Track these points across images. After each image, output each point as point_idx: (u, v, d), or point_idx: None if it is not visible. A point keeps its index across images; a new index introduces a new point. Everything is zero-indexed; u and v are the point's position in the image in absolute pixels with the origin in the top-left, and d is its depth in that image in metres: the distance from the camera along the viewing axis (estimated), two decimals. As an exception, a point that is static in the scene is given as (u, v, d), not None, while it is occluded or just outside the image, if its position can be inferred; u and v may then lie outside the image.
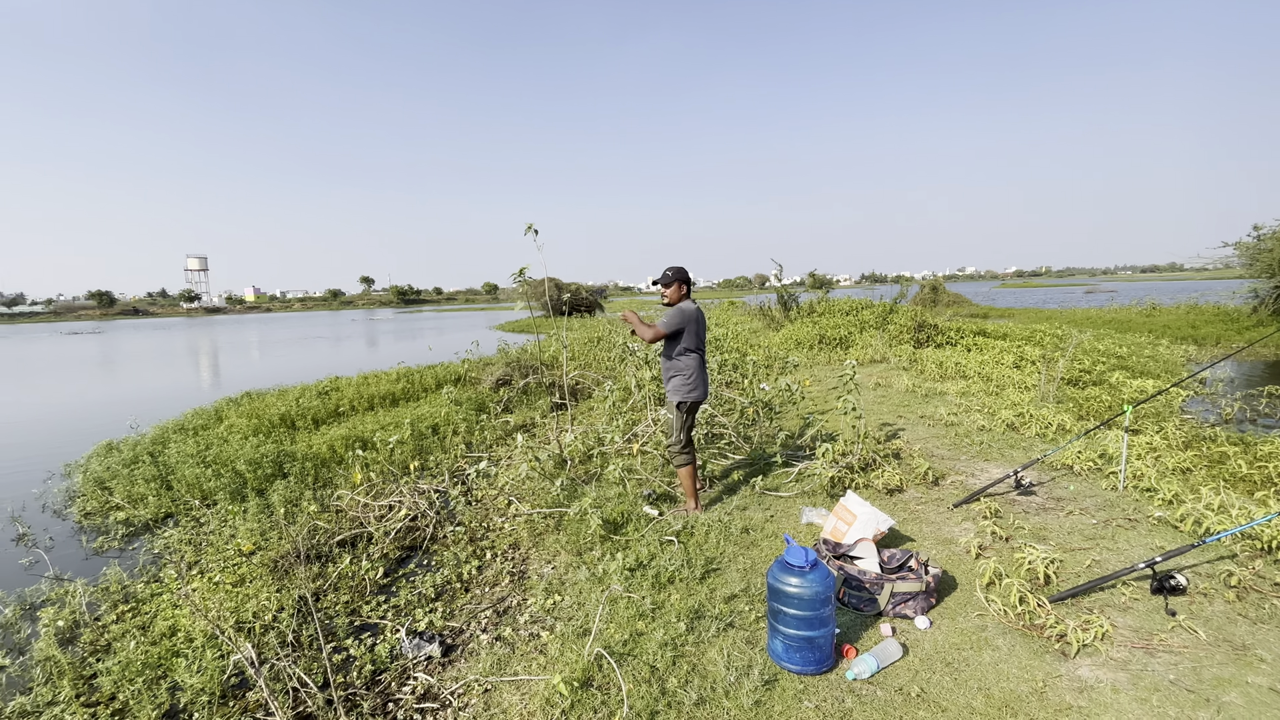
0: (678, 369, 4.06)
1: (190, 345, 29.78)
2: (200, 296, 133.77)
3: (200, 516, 4.95)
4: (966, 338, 12.51)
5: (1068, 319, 18.45)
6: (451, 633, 3.16)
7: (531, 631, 3.02)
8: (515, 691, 2.55)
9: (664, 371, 4.13)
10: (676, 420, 4.07)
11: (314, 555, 4.06)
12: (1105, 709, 2.17)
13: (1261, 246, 16.74)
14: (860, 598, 2.93)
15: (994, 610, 2.82)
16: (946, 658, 2.54)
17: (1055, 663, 2.45)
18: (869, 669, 2.46)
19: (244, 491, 5.31)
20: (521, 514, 4.50)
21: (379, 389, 9.58)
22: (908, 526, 3.88)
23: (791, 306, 17.50)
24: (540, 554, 3.95)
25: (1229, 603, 2.72)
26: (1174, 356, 11.31)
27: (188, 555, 4.25)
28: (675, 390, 4.07)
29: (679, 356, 4.03)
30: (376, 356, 20.15)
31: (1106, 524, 3.65)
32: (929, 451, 5.34)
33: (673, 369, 4.07)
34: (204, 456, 6.07)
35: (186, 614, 3.31)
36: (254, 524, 4.45)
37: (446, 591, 3.64)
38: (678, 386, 4.06)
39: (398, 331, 35.49)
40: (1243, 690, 2.19)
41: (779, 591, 2.48)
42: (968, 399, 7.20)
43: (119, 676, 2.77)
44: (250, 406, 8.58)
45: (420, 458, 6.13)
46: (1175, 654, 2.42)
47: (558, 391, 8.71)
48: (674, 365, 4.07)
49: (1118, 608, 2.76)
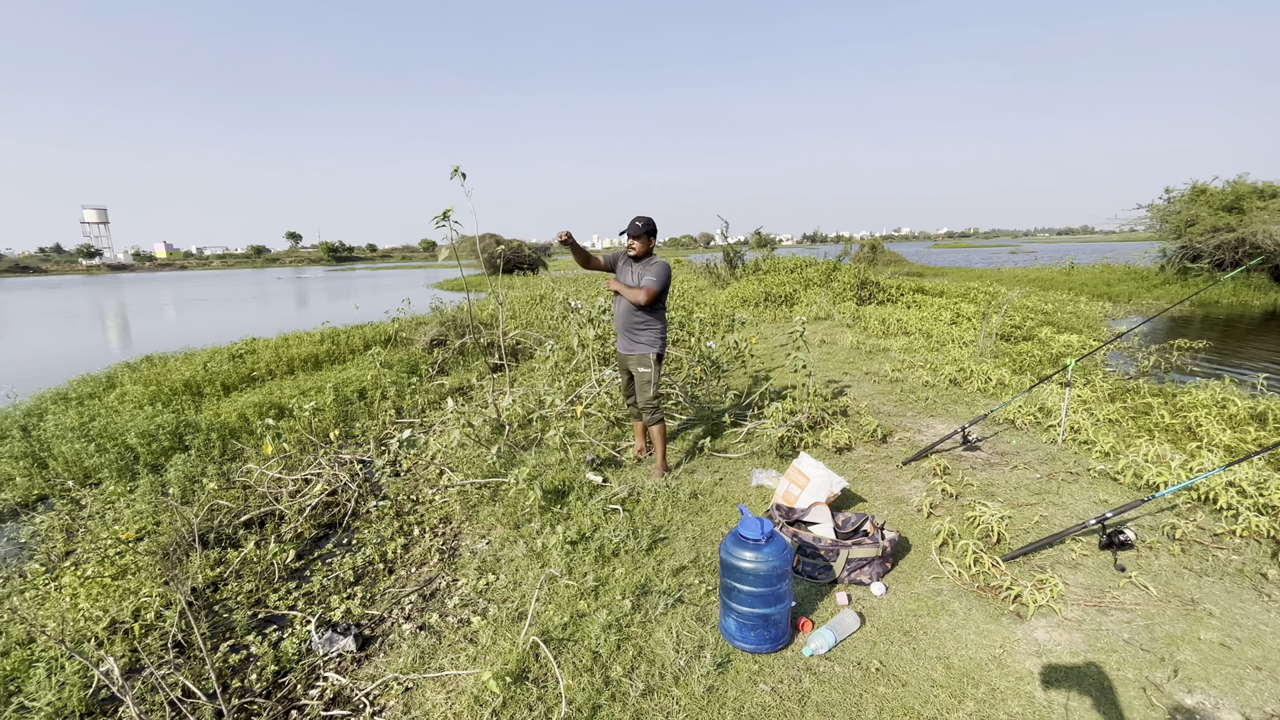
0: (651, 323, 3.84)
1: (90, 306, 26.98)
2: (101, 252, 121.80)
3: (79, 498, 4.34)
4: (907, 295, 12.73)
5: (995, 277, 19.18)
6: (371, 622, 2.82)
7: (461, 617, 2.72)
8: (440, 690, 2.26)
9: (632, 326, 3.85)
10: (654, 374, 3.87)
11: (214, 539, 3.59)
12: (1064, 675, 2.09)
13: (1170, 209, 17.77)
14: (815, 565, 2.78)
15: (949, 572, 2.73)
16: (904, 626, 2.42)
17: (1012, 626, 2.37)
18: (826, 644, 2.31)
19: (134, 468, 4.70)
20: (454, 485, 4.15)
21: (300, 351, 8.83)
22: (859, 486, 3.78)
23: (737, 265, 17.37)
24: (474, 528, 3.63)
25: (1174, 556, 2.72)
26: (1093, 312, 11.89)
27: (59, 544, 3.68)
28: (652, 343, 3.86)
29: (657, 310, 3.84)
30: (302, 317, 18.80)
31: (1050, 478, 3.66)
32: (876, 408, 5.30)
33: (646, 323, 3.84)
34: (87, 429, 5.35)
35: (53, 615, 2.83)
36: (143, 506, 3.91)
37: (367, 574, 3.28)
38: (654, 339, 3.85)
39: (329, 290, 33.37)
40: (1195, 647, 2.16)
41: (732, 567, 2.27)
42: (911, 355, 7.24)
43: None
44: (150, 372, 7.71)
45: (344, 425, 5.63)
46: (1128, 611, 2.38)
47: (496, 352, 8.25)
48: (649, 319, 3.84)
49: (1068, 565, 2.72)
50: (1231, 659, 2.09)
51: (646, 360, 3.86)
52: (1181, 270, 16.94)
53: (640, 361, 3.88)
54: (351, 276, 52.51)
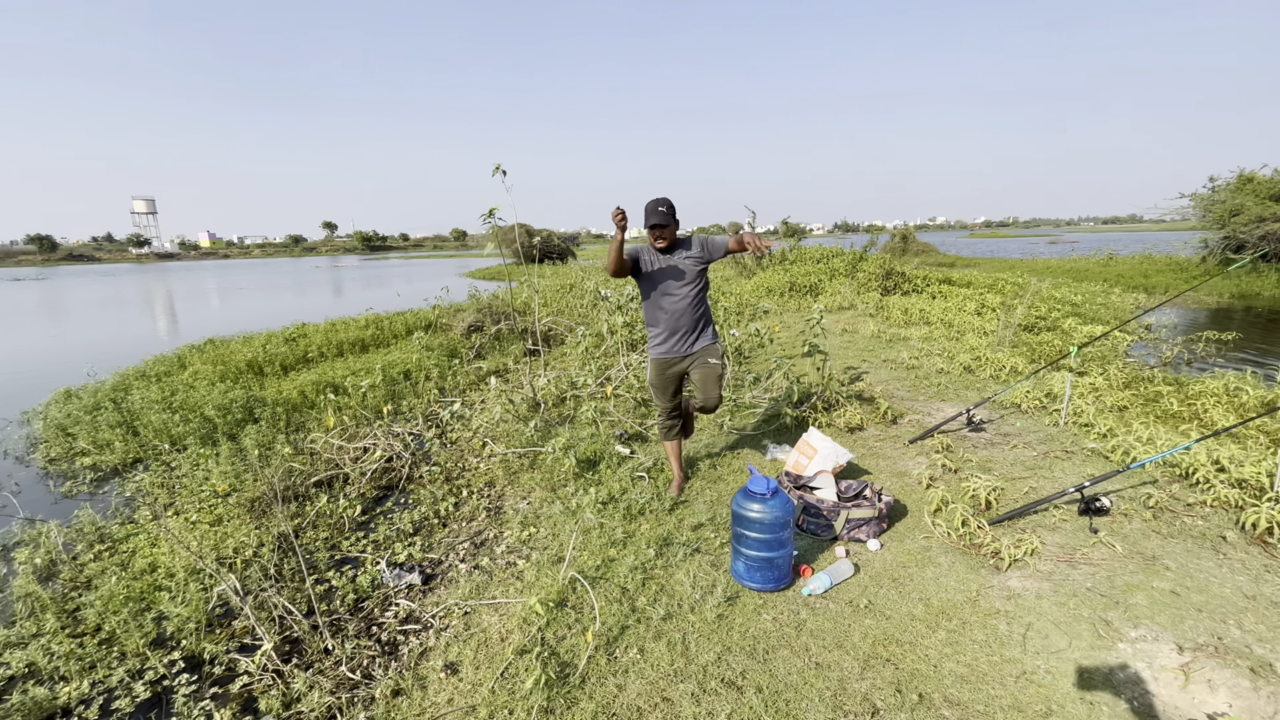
0: (709, 309, 3.42)
1: (145, 292, 28.53)
2: (150, 241, 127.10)
3: (170, 461, 4.93)
4: (932, 285, 12.79)
5: (1029, 268, 18.96)
6: (430, 564, 3.29)
7: (508, 560, 3.17)
8: (494, 613, 2.71)
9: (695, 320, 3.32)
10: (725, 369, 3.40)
11: (291, 495, 4.12)
12: (1028, 612, 2.42)
13: (1215, 198, 17.28)
14: (818, 524, 3.14)
15: (939, 533, 3.06)
16: (893, 574, 2.77)
17: (989, 576, 2.70)
18: (823, 586, 2.67)
19: (214, 436, 5.28)
20: (496, 454, 4.61)
21: (348, 335, 9.44)
22: (866, 461, 4.11)
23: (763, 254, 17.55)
24: (515, 491, 4.08)
25: (1146, 521, 3.00)
26: (1124, 304, 11.78)
27: (161, 497, 4.26)
28: (715, 333, 3.45)
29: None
30: (343, 304, 19.67)
31: (1045, 455, 3.93)
32: (889, 393, 5.58)
33: (708, 311, 3.41)
34: (170, 402, 5.98)
35: (165, 551, 3.37)
36: (227, 467, 4.47)
37: (424, 527, 3.76)
38: (714, 328, 3.45)
39: (365, 279, 34.51)
40: (1148, 593, 2.46)
41: (742, 517, 2.65)
42: (930, 344, 7.45)
43: (103, 609, 2.84)
44: (215, 353, 8.40)
45: (393, 402, 6.15)
46: (1094, 565, 2.68)
47: (530, 338, 8.72)
48: (708, 305, 3.41)
49: (1048, 528, 3.02)
50: (1178, 603, 2.39)
51: (716, 351, 3.39)
52: (1224, 261, 16.52)
53: (711, 353, 3.37)
54: (385, 265, 53.96)
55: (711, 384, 3.36)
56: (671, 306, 3.27)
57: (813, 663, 2.24)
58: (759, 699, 2.07)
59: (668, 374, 3.43)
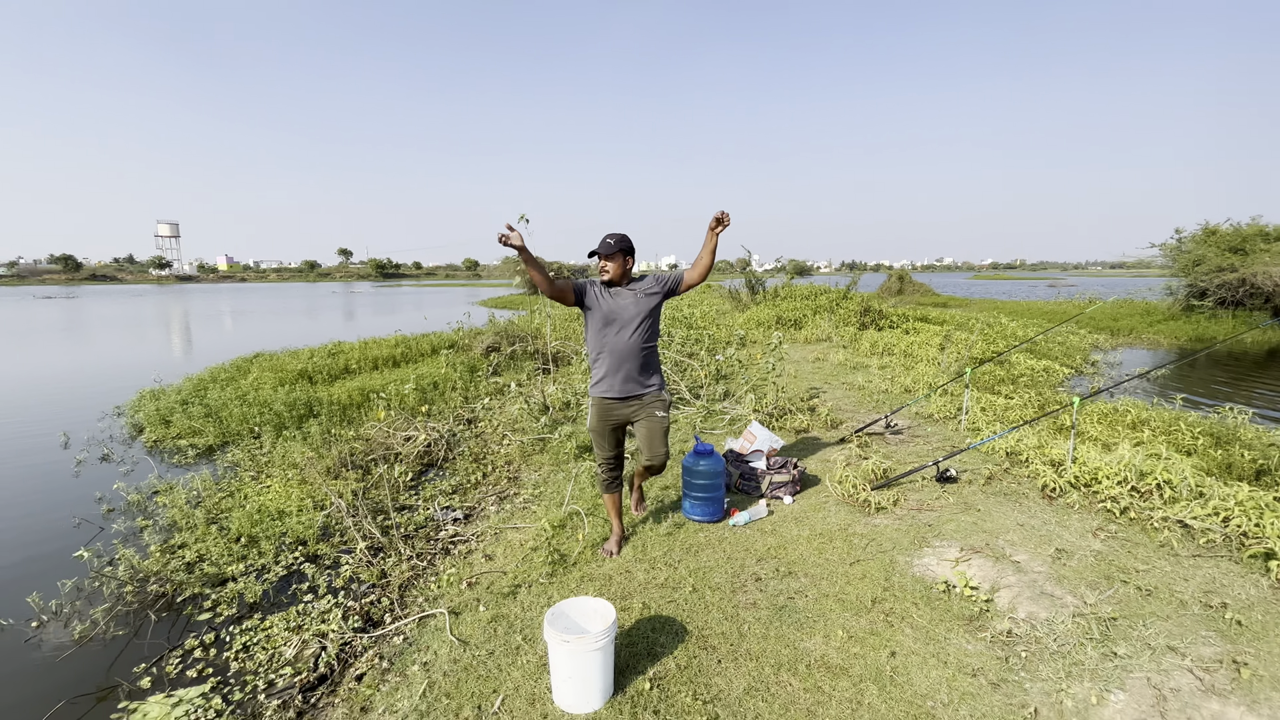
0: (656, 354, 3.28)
1: (177, 312, 30.24)
2: (171, 264, 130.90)
3: (252, 447, 6.18)
4: (908, 322, 14.06)
5: (1010, 309, 20.24)
6: (467, 508, 4.49)
7: (525, 505, 4.37)
8: (517, 533, 3.90)
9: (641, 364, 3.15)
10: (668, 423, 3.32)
11: (355, 466, 5.34)
12: (879, 534, 3.59)
13: (1181, 248, 18.62)
14: (749, 485, 4.33)
15: (836, 493, 4.23)
16: (796, 516, 3.94)
17: (862, 517, 3.87)
18: (744, 520, 3.85)
19: (284, 427, 6.53)
20: (513, 441, 5.83)
21: (381, 352, 10.77)
22: (801, 451, 5.29)
23: (758, 290, 18.94)
24: (529, 467, 5.29)
25: (980, 486, 4.18)
26: (1080, 343, 12.98)
27: (252, 469, 5.49)
28: (662, 381, 3.31)
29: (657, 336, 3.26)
30: (364, 328, 21.13)
31: (937, 449, 5.11)
32: (838, 406, 6.77)
33: (655, 355, 3.26)
34: (244, 399, 7.26)
35: (273, 495, 4.59)
36: (302, 446, 5.71)
37: (460, 489, 4.96)
38: (661, 376, 3.31)
39: (379, 306, 36.15)
40: (956, 524, 3.63)
41: (689, 469, 3.85)
42: (886, 370, 8.67)
43: (243, 522, 4.06)
44: (269, 363, 9.72)
45: (427, 406, 7.39)
46: (933, 511, 3.85)
47: (541, 358, 9.99)
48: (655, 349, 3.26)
49: (914, 490, 4.20)
50: (972, 528, 3.55)
51: (663, 401, 3.23)
52: (1187, 307, 17.75)
53: (657, 403, 3.20)
54: (399, 293, 55.92)
55: (658, 440, 3.20)
56: (616, 344, 3.10)
57: (726, 556, 3.41)
58: (686, 571, 3.25)
59: (610, 420, 3.23)
